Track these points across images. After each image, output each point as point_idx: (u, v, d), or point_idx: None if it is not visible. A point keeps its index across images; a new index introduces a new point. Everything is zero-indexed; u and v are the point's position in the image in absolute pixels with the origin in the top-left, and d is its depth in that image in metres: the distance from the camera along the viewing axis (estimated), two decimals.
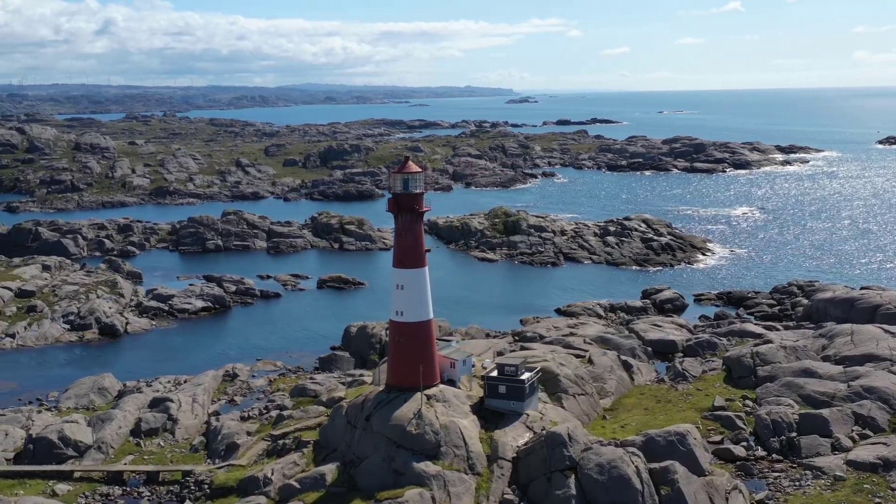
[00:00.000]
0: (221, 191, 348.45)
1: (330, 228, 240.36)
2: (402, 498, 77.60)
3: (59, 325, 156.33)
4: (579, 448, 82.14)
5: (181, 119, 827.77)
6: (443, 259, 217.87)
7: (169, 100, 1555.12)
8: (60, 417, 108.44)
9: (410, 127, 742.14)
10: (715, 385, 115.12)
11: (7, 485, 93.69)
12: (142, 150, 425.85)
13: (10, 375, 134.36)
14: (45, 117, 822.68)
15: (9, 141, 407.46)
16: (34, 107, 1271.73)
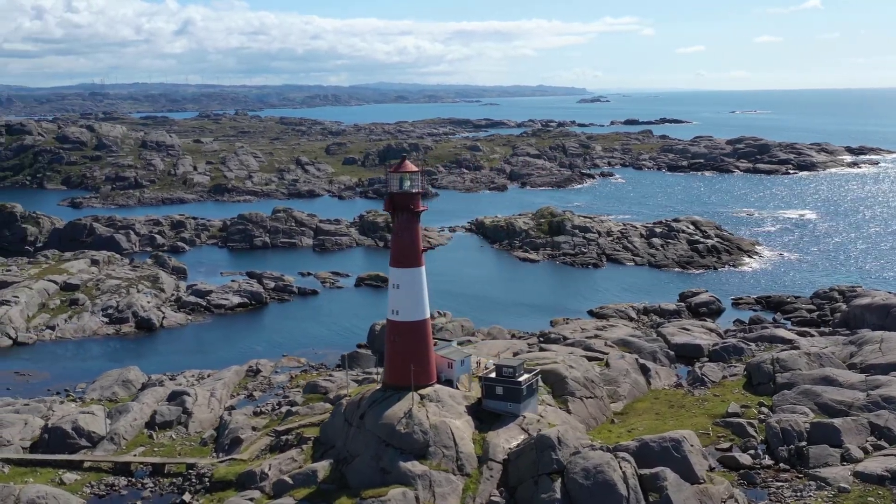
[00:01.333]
0: (278, 188, 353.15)
1: (375, 227, 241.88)
2: (385, 497, 77.82)
3: (97, 319, 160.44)
4: (568, 452, 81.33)
5: (252, 117, 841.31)
6: (484, 259, 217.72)
7: (244, 99, 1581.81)
8: (81, 408, 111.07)
9: (476, 126, 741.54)
10: (733, 391, 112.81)
11: (20, 472, 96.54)
12: (206, 148, 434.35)
13: (45, 366, 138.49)
14: (121, 115, 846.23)
15: (78, 139, 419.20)
16: (114, 105, 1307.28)
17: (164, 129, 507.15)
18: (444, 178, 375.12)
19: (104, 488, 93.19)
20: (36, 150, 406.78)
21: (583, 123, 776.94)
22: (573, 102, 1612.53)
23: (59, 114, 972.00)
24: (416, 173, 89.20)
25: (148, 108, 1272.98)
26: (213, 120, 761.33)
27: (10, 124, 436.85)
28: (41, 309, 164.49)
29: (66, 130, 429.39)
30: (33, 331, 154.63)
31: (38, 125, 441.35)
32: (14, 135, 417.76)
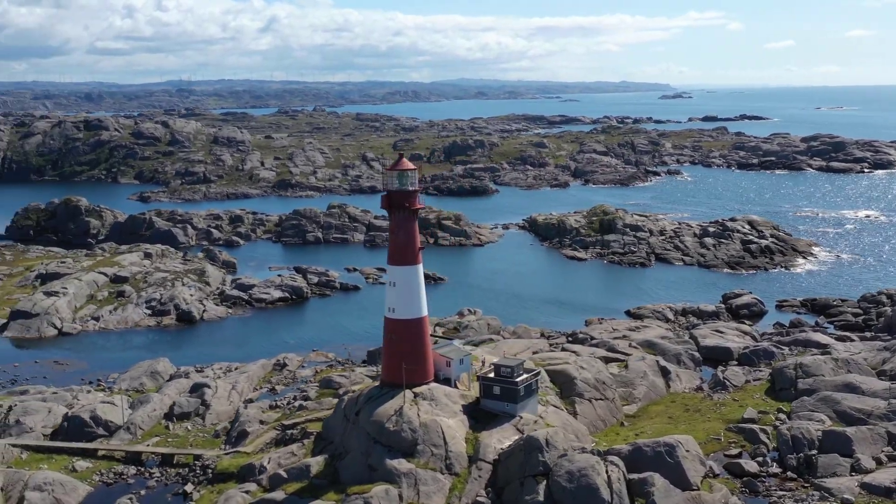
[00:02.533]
0: (341, 184, 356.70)
1: (427, 223, 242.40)
2: (367, 494, 78.23)
3: (141, 311, 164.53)
4: (556, 454, 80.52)
5: (329, 113, 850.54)
6: (530, 257, 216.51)
7: (325, 95, 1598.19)
8: (102, 398, 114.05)
9: (551, 122, 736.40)
10: (754, 396, 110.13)
11: (37, 459, 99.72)
12: (275, 144, 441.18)
13: (83, 356, 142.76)
14: (203, 111, 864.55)
15: (153, 134, 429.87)
16: (199, 101, 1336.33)
17: (234, 126, 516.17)
18: (506, 175, 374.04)
19: (113, 476, 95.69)
20: (112, 146, 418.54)
21: (660, 120, 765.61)
22: (654, 99, 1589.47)
23: (146, 110, 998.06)
24: (414, 171, 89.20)
25: (232, 105, 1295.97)
26: (290, 116, 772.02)
27: (88, 120, 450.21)
28: (89, 300, 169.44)
29: (142, 126, 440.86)
30: (79, 321, 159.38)
31: (115, 121, 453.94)
32: (92, 130, 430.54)
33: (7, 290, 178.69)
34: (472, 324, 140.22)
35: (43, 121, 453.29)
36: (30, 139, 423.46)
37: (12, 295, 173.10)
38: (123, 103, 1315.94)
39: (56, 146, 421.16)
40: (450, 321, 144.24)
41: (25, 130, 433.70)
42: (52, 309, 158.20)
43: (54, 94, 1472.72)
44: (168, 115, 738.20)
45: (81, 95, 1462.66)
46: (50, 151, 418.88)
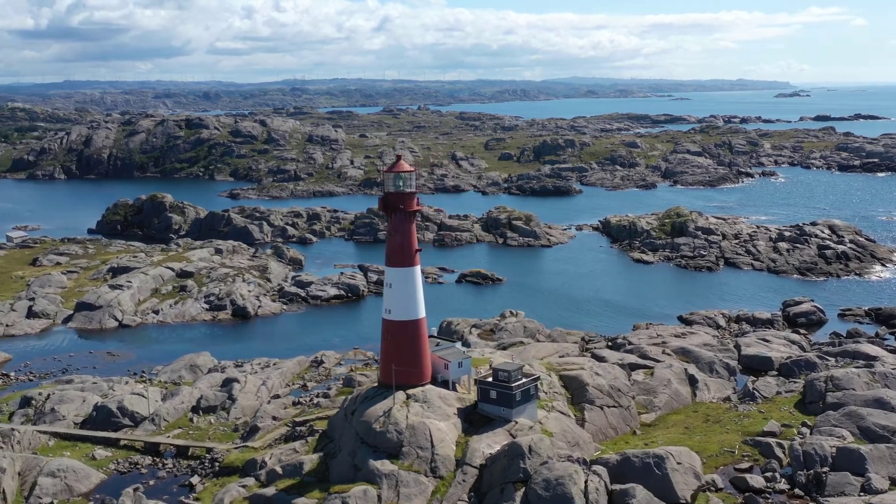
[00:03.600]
0: (426, 183, 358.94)
1: (498, 223, 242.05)
2: (346, 493, 78.94)
3: (199, 305, 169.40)
4: (538, 461, 79.57)
5: (433, 112, 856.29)
6: (597, 259, 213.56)
7: (435, 94, 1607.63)
8: (133, 389, 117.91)
9: (654, 121, 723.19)
10: (782, 409, 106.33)
11: (63, 446, 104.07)
12: (368, 143, 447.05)
13: (135, 348, 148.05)
14: (310, 110, 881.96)
15: (250, 133, 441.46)
16: (311, 100, 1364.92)
17: (331, 125, 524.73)
18: (593, 175, 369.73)
19: (128, 466, 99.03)
20: (211, 144, 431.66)
21: (768, 119, 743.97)
22: (770, 97, 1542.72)
23: (259, 108, 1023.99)
24: (411, 173, 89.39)
25: (343, 103, 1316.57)
26: (392, 115, 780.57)
27: (189, 119, 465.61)
28: (153, 294, 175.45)
29: (240, 125, 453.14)
30: (139, 314, 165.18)
31: (215, 120, 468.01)
32: (192, 129, 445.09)
33: (80, 282, 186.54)
34: (507, 326, 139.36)
35: (147, 119, 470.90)
36: (134, 137, 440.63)
37: (83, 287, 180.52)
38: (239, 102, 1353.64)
39: (158, 144, 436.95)
40: (487, 323, 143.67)
41: (131, 129, 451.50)
42: (114, 302, 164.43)
43: (174, 93, 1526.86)
44: (277, 112, 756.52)
45: (200, 94, 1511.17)
46: (152, 149, 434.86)
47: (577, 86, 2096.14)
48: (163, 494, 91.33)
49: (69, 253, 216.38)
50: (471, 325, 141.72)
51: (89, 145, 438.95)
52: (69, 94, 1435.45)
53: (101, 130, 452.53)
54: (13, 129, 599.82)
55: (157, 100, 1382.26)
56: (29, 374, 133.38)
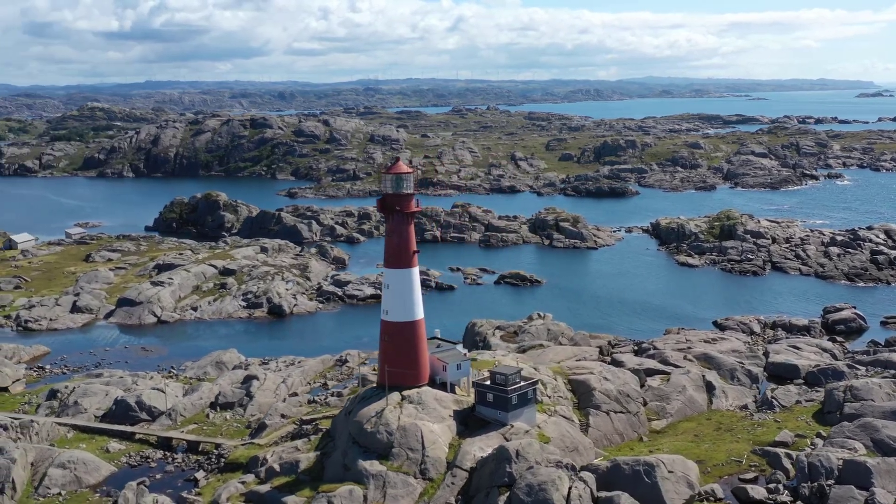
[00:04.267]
0: (482, 183, 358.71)
1: (545, 224, 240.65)
2: (332, 493, 79.45)
3: (237, 303, 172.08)
4: (524, 466, 78.95)
5: (502, 112, 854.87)
6: (641, 262, 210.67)
7: (507, 94, 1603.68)
8: (153, 384, 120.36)
9: (726, 122, 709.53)
10: (799, 418, 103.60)
11: (81, 438, 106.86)
12: (429, 143, 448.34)
13: (169, 343, 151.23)
14: (380, 110, 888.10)
15: (313, 132, 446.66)
16: (384, 100, 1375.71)
17: (395, 125, 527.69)
18: (652, 177, 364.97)
19: (139, 459, 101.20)
20: (274, 143, 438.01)
21: (845, 120, 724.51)
22: (851, 97, 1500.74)
23: (331, 108, 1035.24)
24: (409, 174, 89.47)
25: (415, 104, 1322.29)
26: (460, 115, 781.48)
27: (254, 118, 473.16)
28: (194, 291, 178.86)
29: (303, 125, 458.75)
30: (178, 311, 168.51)
31: (280, 119, 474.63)
32: (257, 128, 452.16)
33: (127, 278, 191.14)
34: (531, 329, 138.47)
35: (213, 119, 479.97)
36: (200, 136, 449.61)
37: (129, 284, 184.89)
38: (312, 101, 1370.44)
39: (223, 143, 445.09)
40: (511, 325, 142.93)
41: (197, 128, 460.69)
42: (154, 298, 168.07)
43: (250, 93, 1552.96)
44: (348, 112, 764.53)
45: (275, 94, 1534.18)
46: (217, 148, 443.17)
47: (652, 86, 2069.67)
48: (168, 488, 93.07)
49: (122, 250, 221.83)
50: (495, 327, 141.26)
51: (157, 144, 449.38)
52: (149, 94, 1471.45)
53: (169, 130, 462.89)
54: (91, 127, 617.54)
55: (233, 100, 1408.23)
56: (63, 368, 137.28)
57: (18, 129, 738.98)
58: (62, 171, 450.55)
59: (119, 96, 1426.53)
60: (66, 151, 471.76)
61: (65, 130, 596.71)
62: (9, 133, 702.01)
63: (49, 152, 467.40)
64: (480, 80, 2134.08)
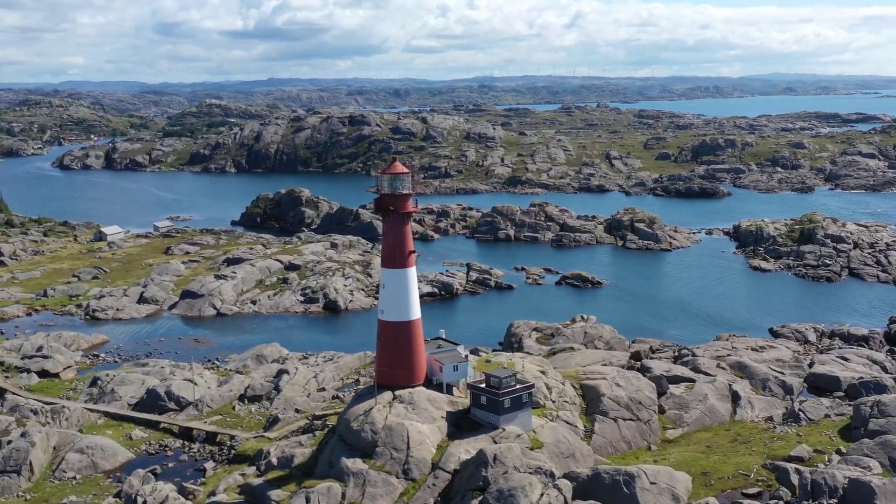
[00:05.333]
0: (571, 182, 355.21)
1: (620, 225, 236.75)
2: (311, 489, 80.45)
3: (294, 298, 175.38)
4: (500, 470, 78.21)
5: (611, 110, 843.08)
6: (712, 265, 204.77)
7: (624, 91, 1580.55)
8: (185, 375, 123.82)
9: (845, 120, 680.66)
10: (823, 433, 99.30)
11: (110, 424, 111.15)
12: (524, 141, 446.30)
13: (219, 335, 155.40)
14: (488, 108, 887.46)
15: (409, 129, 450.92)
16: (497, 97, 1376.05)
17: (486, 122, 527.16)
18: (748, 177, 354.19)
19: (158, 447, 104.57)
20: (371, 140, 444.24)
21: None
22: None
23: (444, 105, 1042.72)
24: (406, 175, 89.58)
25: (528, 101, 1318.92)
26: (566, 112, 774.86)
27: (353, 116, 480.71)
28: (257, 285, 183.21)
29: (401, 122, 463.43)
30: (238, 304, 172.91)
31: (377, 117, 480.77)
32: (355, 126, 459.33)
33: (197, 271, 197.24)
34: (566, 331, 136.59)
35: (314, 116, 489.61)
36: (300, 133, 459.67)
37: (198, 276, 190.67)
38: (426, 98, 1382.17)
39: (322, 140, 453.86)
40: (549, 327, 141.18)
41: (298, 125, 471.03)
42: (215, 291, 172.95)
43: (366, 91, 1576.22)
44: (456, 109, 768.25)
45: (391, 91, 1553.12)
46: (316, 145, 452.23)
47: (776, 82, 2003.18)
48: (177, 476, 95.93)
49: (201, 243, 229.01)
50: (532, 329, 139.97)
51: (259, 141, 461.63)
52: (269, 92, 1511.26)
53: (271, 127, 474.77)
54: (206, 124, 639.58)
55: (349, 97, 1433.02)
56: (116, 356, 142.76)
57: (140, 125, 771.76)
58: (169, 167, 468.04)
59: (241, 94, 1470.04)
60: (174, 147, 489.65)
61: (179, 127, 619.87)
62: (130, 129, 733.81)
63: (158, 148, 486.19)
64: (597, 77, 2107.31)
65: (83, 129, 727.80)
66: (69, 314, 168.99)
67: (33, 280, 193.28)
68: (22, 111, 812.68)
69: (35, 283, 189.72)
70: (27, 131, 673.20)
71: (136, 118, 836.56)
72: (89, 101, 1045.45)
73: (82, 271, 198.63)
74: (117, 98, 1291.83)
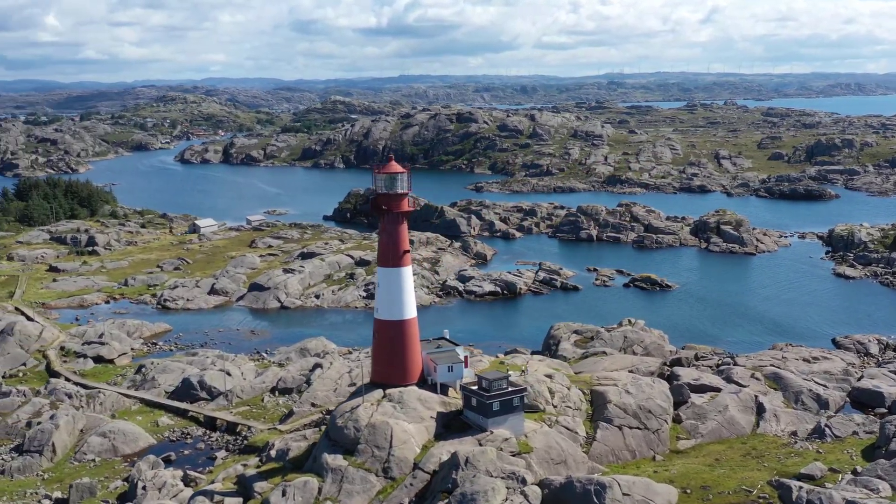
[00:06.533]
0: (672, 182, 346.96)
1: (706, 227, 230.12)
2: (290, 482, 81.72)
3: (357, 293, 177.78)
4: (470, 474, 77.62)
5: (738, 108, 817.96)
6: (795, 270, 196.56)
7: (759, 88, 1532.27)
8: (220, 366, 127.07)
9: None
10: (846, 451, 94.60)
11: (142, 410, 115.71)
12: (633, 139, 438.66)
13: (274, 328, 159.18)
14: (610, 105, 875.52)
15: (516, 127, 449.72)
16: (625, 94, 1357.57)
17: (605, 119, 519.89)
18: (861, 179, 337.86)
19: (179, 435, 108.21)
20: (477, 137, 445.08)
21: None
22: None
23: (568, 102, 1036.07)
24: (402, 174, 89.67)
25: (658, 98, 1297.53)
26: (689, 110, 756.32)
27: (460, 113, 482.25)
28: (325, 279, 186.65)
29: (508, 120, 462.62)
30: (302, 298, 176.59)
31: (485, 114, 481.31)
32: (462, 123, 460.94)
33: (273, 265, 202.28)
34: (605, 335, 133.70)
35: (423, 113, 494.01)
36: (408, 130, 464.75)
37: (271, 269, 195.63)
38: (553, 96, 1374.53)
39: (429, 137, 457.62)
40: (590, 330, 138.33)
41: (406, 122, 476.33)
42: (281, 284, 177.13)
43: (494, 87, 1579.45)
44: (578, 107, 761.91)
45: (518, 88, 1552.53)
46: (423, 141, 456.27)
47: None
48: (189, 464, 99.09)
49: (286, 237, 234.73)
50: (572, 332, 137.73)
51: (368, 137, 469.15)
52: (398, 88, 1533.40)
53: (381, 123, 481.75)
54: (328, 120, 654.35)
55: (475, 94, 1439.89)
56: (173, 345, 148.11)
57: (266, 121, 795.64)
58: (282, 161, 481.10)
59: (371, 90, 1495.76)
60: (288, 143, 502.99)
61: (298, 123, 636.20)
62: (256, 125, 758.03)
63: (273, 143, 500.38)
64: (732, 73, 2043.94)
65: (212, 124, 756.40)
66: (143, 303, 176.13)
67: (119, 269, 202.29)
68: (158, 107, 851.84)
69: (120, 273, 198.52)
70: (159, 126, 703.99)
71: (263, 114, 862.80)
72: (225, 98, 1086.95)
73: (166, 262, 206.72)
74: (252, 94, 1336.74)
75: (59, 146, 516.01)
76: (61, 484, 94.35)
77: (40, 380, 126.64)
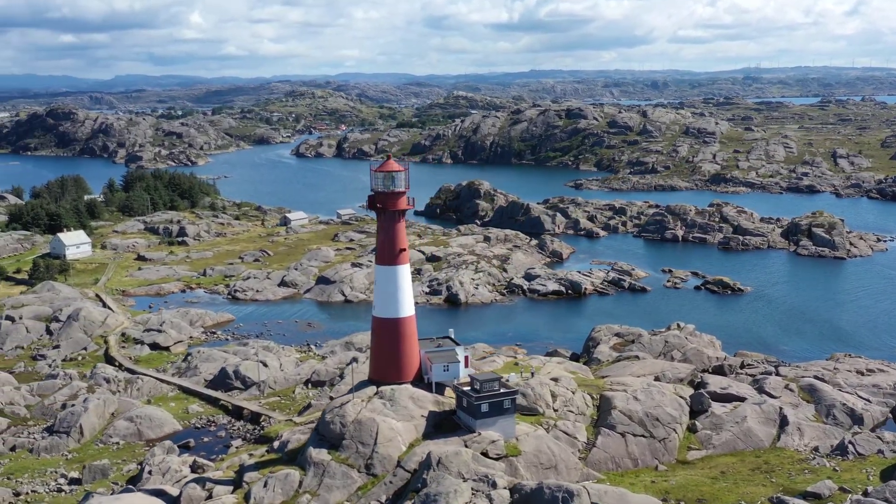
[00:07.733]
0: (779, 182, 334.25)
1: (797, 229, 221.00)
2: (273, 474, 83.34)
3: (420, 288, 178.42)
4: (440, 475, 77.35)
5: (876, 104, 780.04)
6: (881, 277, 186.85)
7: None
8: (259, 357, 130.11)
9: None
10: (864, 470, 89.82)
11: (178, 397, 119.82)
12: (747, 137, 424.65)
13: (330, 320, 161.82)
14: (739, 101, 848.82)
15: (626, 124, 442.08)
16: (761, 90, 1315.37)
17: (715, 118, 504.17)
18: None
19: (205, 422, 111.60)
20: (585, 134, 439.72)
21: None
22: None
23: (695, 98, 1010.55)
24: (400, 173, 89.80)
25: (795, 93, 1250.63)
26: (820, 107, 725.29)
27: (569, 109, 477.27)
28: None
29: (619, 116, 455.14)
30: (366, 292, 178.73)
31: (595, 110, 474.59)
32: (571, 119, 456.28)
33: (348, 258, 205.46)
34: (645, 339, 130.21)
35: (532, 109, 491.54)
36: (516, 126, 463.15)
37: (344, 262, 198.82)
38: (685, 91, 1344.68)
39: (537, 133, 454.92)
40: (631, 333, 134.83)
41: (515, 118, 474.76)
42: (347, 278, 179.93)
43: (624, 83, 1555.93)
44: (705, 103, 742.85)
45: (649, 83, 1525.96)
46: (531, 137, 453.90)
47: None
48: (205, 450, 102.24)
49: (368, 231, 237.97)
50: (613, 334, 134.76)
51: (476, 133, 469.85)
52: (526, 84, 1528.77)
53: (489, 119, 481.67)
54: (448, 115, 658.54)
55: (604, 89, 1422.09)
56: (230, 335, 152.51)
57: (388, 115, 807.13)
58: (393, 156, 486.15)
59: (500, 85, 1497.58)
60: (399, 137, 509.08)
61: (417, 118, 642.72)
62: (378, 119, 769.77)
63: (385, 138, 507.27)
64: (879, 68, 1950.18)
65: (335, 119, 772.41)
66: (216, 293, 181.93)
67: (202, 260, 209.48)
68: (286, 102, 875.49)
69: (202, 263, 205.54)
70: (283, 121, 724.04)
71: (386, 109, 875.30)
72: (355, 93, 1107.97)
73: (247, 254, 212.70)
74: (381, 89, 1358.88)
75: (183, 139, 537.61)
76: (81, 465, 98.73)
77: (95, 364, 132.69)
